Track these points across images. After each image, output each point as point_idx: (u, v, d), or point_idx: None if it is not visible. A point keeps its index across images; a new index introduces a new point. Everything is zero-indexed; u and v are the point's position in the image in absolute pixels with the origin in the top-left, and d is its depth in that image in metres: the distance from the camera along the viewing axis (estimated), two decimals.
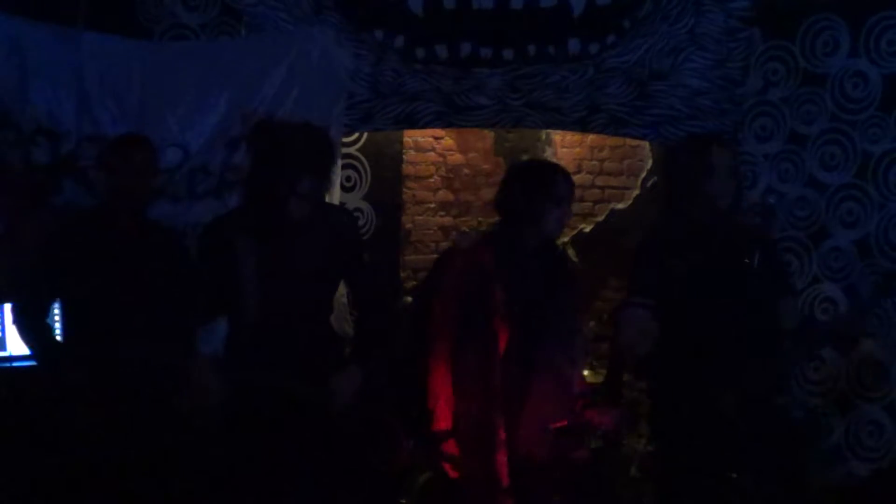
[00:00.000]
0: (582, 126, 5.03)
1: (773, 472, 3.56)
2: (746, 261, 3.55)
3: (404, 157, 6.97)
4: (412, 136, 7.08)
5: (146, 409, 3.55)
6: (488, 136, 7.30)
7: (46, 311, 3.76)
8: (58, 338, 3.85)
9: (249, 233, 3.39)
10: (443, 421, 3.66)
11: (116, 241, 3.68)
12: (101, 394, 3.49)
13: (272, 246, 3.40)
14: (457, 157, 7.46)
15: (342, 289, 4.14)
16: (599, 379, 5.00)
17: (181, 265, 3.78)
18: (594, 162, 7.16)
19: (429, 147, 7.42)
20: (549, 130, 6.83)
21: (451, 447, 3.65)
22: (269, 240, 3.40)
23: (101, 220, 3.74)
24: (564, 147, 7.22)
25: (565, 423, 3.67)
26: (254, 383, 3.37)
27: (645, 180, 6.86)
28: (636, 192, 6.93)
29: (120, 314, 3.57)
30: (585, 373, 4.17)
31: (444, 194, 7.48)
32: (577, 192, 6.98)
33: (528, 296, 3.66)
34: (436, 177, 7.46)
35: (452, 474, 3.66)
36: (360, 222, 5.23)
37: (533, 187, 3.67)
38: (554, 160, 7.19)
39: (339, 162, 4.92)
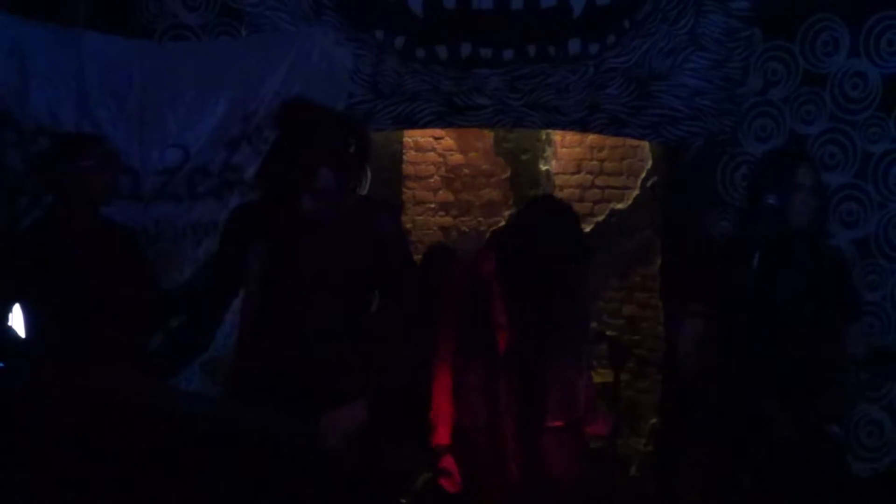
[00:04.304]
0: (582, 126, 5.02)
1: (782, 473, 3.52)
2: (813, 283, 3.45)
3: (404, 157, 6.99)
4: (412, 136, 7.10)
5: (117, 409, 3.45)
6: (488, 136, 7.31)
7: (6, 314, 3.68)
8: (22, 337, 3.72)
9: (260, 229, 3.03)
10: (442, 436, 3.65)
11: (68, 242, 3.63)
12: (71, 394, 3.41)
13: (282, 246, 3.02)
14: (457, 157, 7.48)
15: None
16: (600, 379, 5.00)
17: (136, 267, 3.76)
18: (594, 162, 7.16)
19: (429, 147, 7.44)
20: (549, 130, 6.83)
21: (448, 463, 3.65)
22: (279, 239, 3.01)
23: (55, 221, 3.70)
24: (564, 147, 7.23)
25: (561, 423, 3.68)
26: (232, 412, 3.01)
27: (645, 180, 6.87)
28: (636, 192, 6.94)
29: (73, 317, 3.55)
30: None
31: (444, 194, 7.49)
32: (577, 192, 7.08)
33: (531, 304, 3.65)
34: (436, 177, 7.48)
35: (450, 489, 3.65)
36: None
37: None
38: (554, 160, 7.23)
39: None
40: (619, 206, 7.01)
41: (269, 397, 2.97)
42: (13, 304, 3.69)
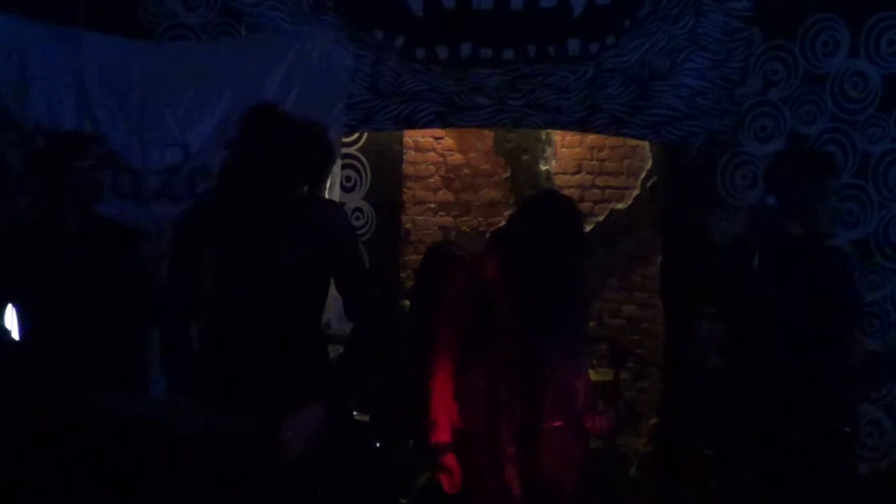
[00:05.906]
0: (582, 126, 5.02)
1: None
2: (816, 285, 3.47)
3: (404, 157, 6.97)
4: (412, 136, 7.10)
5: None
6: (488, 136, 7.31)
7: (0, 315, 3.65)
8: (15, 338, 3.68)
9: (219, 228, 2.99)
10: (443, 433, 3.64)
11: (61, 242, 3.60)
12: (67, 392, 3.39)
13: (242, 245, 2.99)
14: (457, 157, 7.48)
15: None
16: (600, 379, 5.00)
17: (127, 264, 3.73)
18: (594, 162, 7.16)
19: (429, 147, 7.44)
20: (549, 130, 6.83)
21: (449, 460, 3.63)
22: (240, 238, 2.99)
23: (48, 221, 3.67)
24: (564, 147, 7.23)
25: (560, 423, 3.68)
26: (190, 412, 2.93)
27: (645, 180, 6.86)
28: (636, 192, 6.93)
29: (63, 315, 3.53)
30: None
31: (444, 194, 7.49)
32: (577, 192, 7.08)
33: (532, 307, 3.65)
34: (436, 177, 7.48)
35: (448, 489, 3.64)
36: (360, 222, 5.23)
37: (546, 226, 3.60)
38: (554, 160, 7.22)
39: (339, 162, 4.91)
40: (619, 206, 7.01)
41: (226, 400, 2.93)
42: (6, 304, 3.68)
